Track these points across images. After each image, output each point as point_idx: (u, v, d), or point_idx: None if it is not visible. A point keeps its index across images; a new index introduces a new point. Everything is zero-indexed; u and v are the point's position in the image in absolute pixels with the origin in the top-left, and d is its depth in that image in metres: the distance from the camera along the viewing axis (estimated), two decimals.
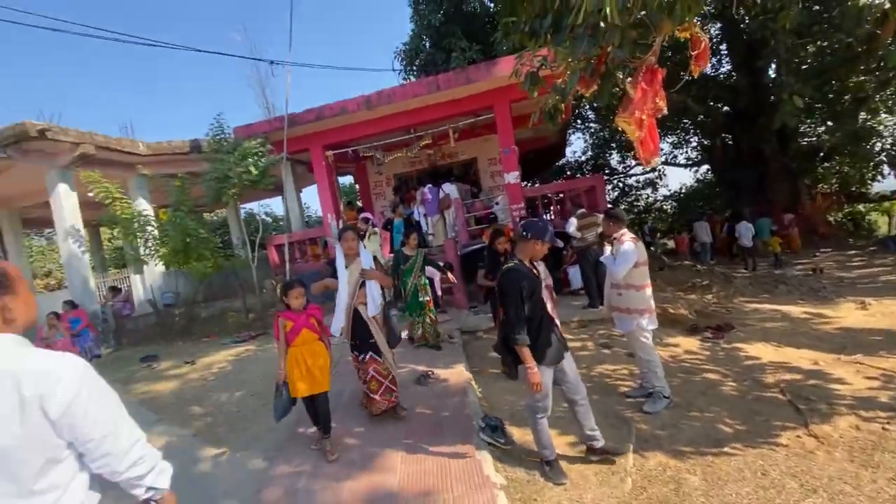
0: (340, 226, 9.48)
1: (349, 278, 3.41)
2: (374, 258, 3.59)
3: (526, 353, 2.52)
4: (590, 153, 21.85)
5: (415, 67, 12.27)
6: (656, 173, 21.29)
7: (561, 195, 9.49)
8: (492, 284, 4.08)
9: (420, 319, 5.33)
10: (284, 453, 3.27)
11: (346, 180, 19.75)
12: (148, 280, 9.93)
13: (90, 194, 8.66)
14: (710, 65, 15.82)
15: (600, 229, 6.36)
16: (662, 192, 22.65)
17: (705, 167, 20.18)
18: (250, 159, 8.28)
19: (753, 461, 2.66)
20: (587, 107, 18.17)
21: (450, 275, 5.63)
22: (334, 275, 3.45)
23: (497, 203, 9.37)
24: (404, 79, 13.13)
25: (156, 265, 9.02)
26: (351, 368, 5.29)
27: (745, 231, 10.97)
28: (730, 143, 15.65)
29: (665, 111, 2.32)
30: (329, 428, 3.21)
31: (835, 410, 3.21)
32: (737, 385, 3.83)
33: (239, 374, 5.53)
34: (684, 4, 2.18)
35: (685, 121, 17.10)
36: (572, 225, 6.72)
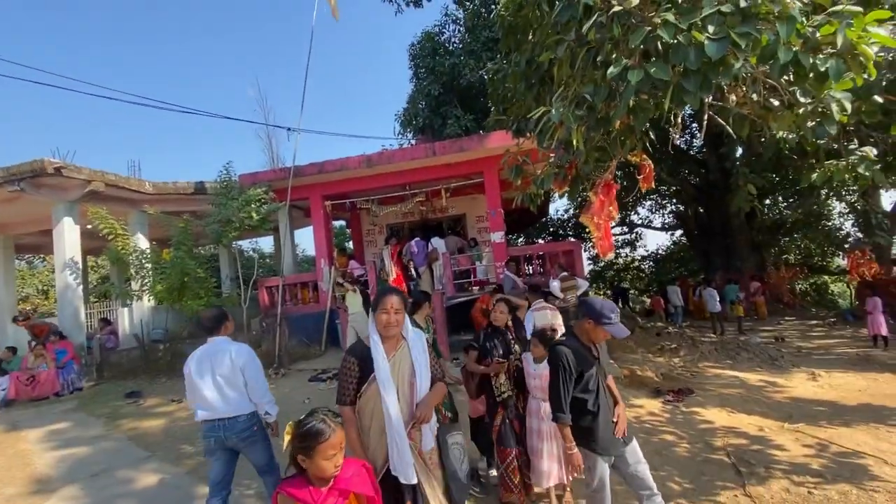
0: (333, 273, 9.90)
1: (393, 378, 2.06)
2: (431, 344, 2.44)
3: (566, 432, 2.40)
4: (572, 211, 23.00)
5: (412, 129, 13.23)
6: (634, 235, 22.39)
7: (542, 255, 10.16)
8: (485, 371, 3.23)
9: None
10: None
11: (337, 223, 20.39)
12: (136, 314, 10.07)
13: (89, 226, 9.03)
14: (683, 139, 17.30)
15: (580, 291, 6.97)
16: (640, 251, 23.76)
17: (680, 231, 21.39)
18: (253, 205, 8.80)
19: None
20: None
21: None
22: (364, 372, 2.09)
23: (483, 264, 9.91)
24: (402, 138, 14.08)
25: (148, 300, 9.23)
26: None
27: (710, 297, 11.70)
28: (701, 211, 16.82)
29: (616, 218, 2.89)
30: None
31: (771, 474, 3.64)
32: (689, 447, 4.25)
33: None
34: (633, 139, 2.83)
35: (662, 187, 18.39)
36: (557, 287, 7.27)
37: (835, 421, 4.88)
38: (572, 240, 17.45)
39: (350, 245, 16.85)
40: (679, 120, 2.79)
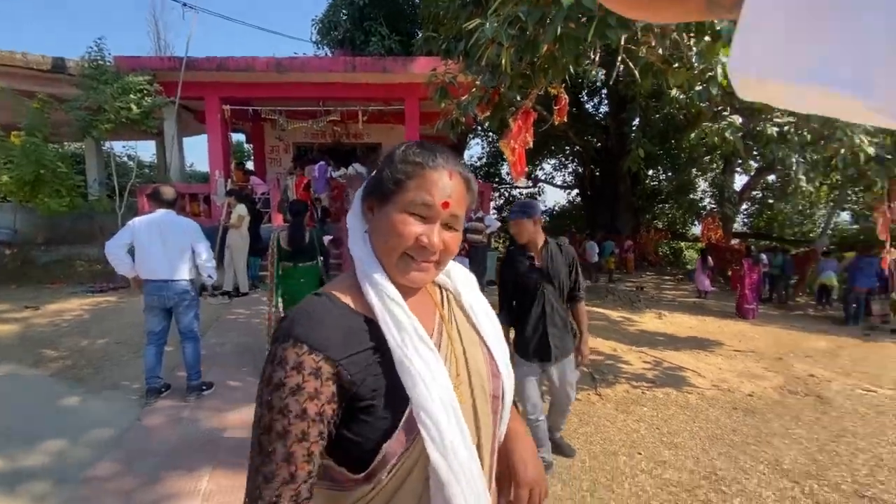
0: (229, 186, 9.09)
1: (464, 409, 0.67)
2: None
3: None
4: (485, 160, 23.55)
5: (331, 40, 12.10)
6: (537, 189, 23.82)
7: None
8: None
9: None
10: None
11: (234, 137, 18.32)
12: None
13: None
14: (592, 104, 18.47)
15: (489, 230, 7.47)
16: (541, 206, 25.47)
17: (576, 191, 23.25)
18: (133, 95, 7.54)
19: None
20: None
21: None
22: (354, 403, 0.63)
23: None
24: (318, 48, 12.85)
25: None
26: (233, 324, 5.44)
27: (591, 249, 13.21)
28: (597, 174, 18.40)
29: (531, 145, 3.13)
30: None
31: (617, 381, 4.46)
32: None
33: (100, 322, 5.22)
34: (556, 69, 2.99)
35: (566, 147, 19.60)
36: (493, 222, 7.63)
37: (669, 347, 6.04)
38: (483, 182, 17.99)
39: (251, 165, 15.41)
40: (597, 58, 3.00)
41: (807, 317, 9.42)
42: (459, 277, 0.82)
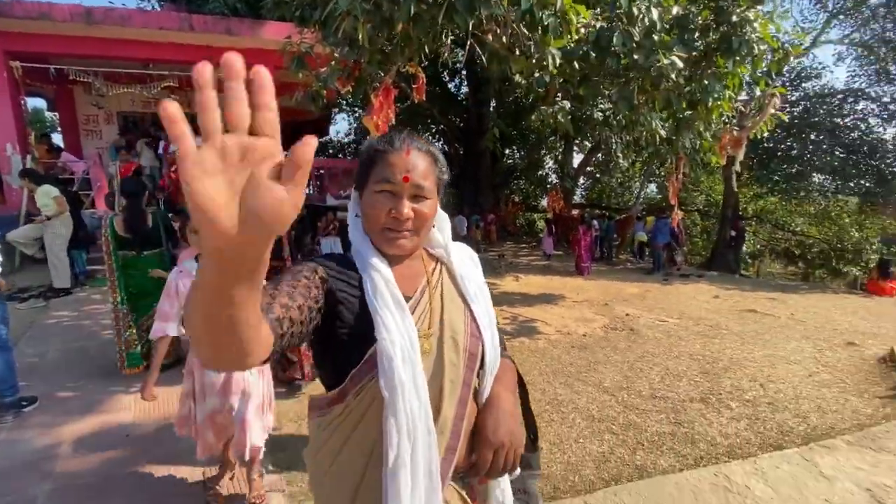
0: (28, 162, 7.38)
1: (423, 363, 0.82)
2: None
3: None
4: (353, 136, 22.92)
5: None
6: None
7: (322, 171, 10.03)
8: None
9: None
10: None
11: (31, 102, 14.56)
12: None
13: None
14: (454, 84, 19.21)
15: None
16: None
17: None
18: None
19: None
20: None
21: None
22: (334, 318, 0.83)
23: None
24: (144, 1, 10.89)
25: None
26: (55, 329, 4.59)
27: (459, 223, 14.11)
28: (461, 152, 19.39)
29: (394, 121, 3.25)
30: None
31: None
32: None
33: None
34: (412, 48, 3.13)
35: (432, 126, 20.19)
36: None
37: (524, 304, 6.89)
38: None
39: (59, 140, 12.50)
40: (449, 40, 3.23)
41: (626, 270, 11.54)
42: (456, 254, 0.97)
